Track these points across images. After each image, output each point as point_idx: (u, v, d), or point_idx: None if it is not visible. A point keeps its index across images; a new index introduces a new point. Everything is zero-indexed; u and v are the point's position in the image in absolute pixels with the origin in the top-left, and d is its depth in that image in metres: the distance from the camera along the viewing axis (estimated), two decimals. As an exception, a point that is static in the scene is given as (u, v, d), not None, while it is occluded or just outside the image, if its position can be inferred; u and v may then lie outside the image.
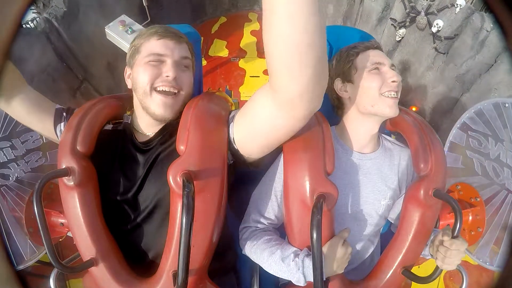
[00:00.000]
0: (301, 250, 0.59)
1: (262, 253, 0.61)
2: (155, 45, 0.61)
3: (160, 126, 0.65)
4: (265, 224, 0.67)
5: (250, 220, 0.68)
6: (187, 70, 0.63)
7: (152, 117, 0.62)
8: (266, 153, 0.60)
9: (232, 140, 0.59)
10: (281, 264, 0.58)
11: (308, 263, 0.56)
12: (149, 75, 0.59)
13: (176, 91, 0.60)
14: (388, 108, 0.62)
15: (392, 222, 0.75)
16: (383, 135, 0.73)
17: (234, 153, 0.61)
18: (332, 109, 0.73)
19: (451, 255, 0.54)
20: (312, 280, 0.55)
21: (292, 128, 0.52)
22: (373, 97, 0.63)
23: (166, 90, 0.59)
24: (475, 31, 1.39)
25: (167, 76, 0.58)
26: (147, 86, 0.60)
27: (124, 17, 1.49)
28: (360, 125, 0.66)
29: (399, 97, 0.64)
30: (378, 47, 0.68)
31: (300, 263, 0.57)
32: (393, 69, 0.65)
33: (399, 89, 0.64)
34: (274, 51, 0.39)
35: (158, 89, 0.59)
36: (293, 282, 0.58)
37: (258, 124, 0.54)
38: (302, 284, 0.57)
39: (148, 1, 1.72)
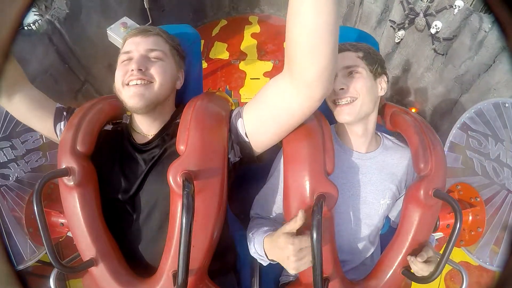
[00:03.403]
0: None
1: (248, 234, 0.65)
2: (125, 45, 0.65)
3: (158, 126, 0.65)
4: (265, 218, 0.69)
5: (253, 214, 0.71)
6: (159, 61, 0.63)
7: (130, 110, 0.63)
8: (276, 141, 0.62)
9: (244, 134, 0.60)
10: (250, 236, 0.63)
11: (261, 233, 0.60)
12: (120, 73, 0.62)
13: (144, 82, 0.60)
14: (338, 115, 0.63)
15: (393, 219, 0.75)
16: (383, 134, 0.73)
17: (243, 148, 0.62)
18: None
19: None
20: (255, 249, 0.60)
21: (308, 110, 0.55)
22: (329, 105, 0.66)
23: (134, 83, 0.60)
24: (474, 32, 1.39)
25: (132, 70, 0.60)
26: (120, 83, 0.62)
27: (125, 19, 1.50)
28: (349, 126, 0.67)
29: (356, 102, 0.61)
30: (346, 49, 0.65)
31: (256, 230, 0.62)
32: (349, 71, 0.62)
33: (352, 93, 0.61)
34: (298, 38, 0.44)
35: (128, 83, 0.61)
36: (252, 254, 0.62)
37: (273, 111, 0.56)
38: (251, 248, 0.61)
39: (149, 3, 1.74)
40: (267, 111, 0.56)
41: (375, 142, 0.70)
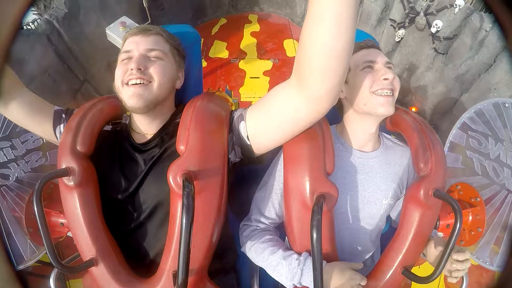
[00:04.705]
0: (301, 253, 0.60)
1: (262, 252, 0.63)
2: (126, 44, 0.65)
3: (157, 126, 0.65)
4: (265, 224, 0.68)
5: (251, 219, 0.69)
6: (158, 60, 0.63)
7: (129, 110, 0.63)
8: (277, 146, 0.62)
9: (246, 137, 0.60)
10: (282, 262, 0.59)
11: (309, 263, 0.57)
12: (120, 71, 0.62)
13: (143, 82, 0.60)
14: (380, 107, 0.61)
15: (393, 219, 0.75)
16: (383, 134, 0.73)
17: (244, 150, 0.62)
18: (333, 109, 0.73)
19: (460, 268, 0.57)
20: (306, 285, 0.57)
21: (313, 121, 0.56)
22: (364, 96, 0.62)
23: (133, 82, 0.60)
24: (474, 31, 1.39)
25: (131, 69, 0.60)
26: (119, 82, 0.62)
27: (124, 18, 1.50)
28: (359, 124, 0.66)
29: (395, 95, 0.62)
30: (372, 46, 0.67)
31: (302, 260, 0.58)
32: (388, 67, 0.63)
33: (395, 86, 0.62)
34: (313, 56, 0.44)
35: (127, 82, 0.61)
36: (285, 283, 0.59)
37: (278, 119, 0.56)
38: (295, 282, 0.58)
39: (148, 2, 1.73)
40: (272, 119, 0.57)
41: (376, 141, 0.70)
